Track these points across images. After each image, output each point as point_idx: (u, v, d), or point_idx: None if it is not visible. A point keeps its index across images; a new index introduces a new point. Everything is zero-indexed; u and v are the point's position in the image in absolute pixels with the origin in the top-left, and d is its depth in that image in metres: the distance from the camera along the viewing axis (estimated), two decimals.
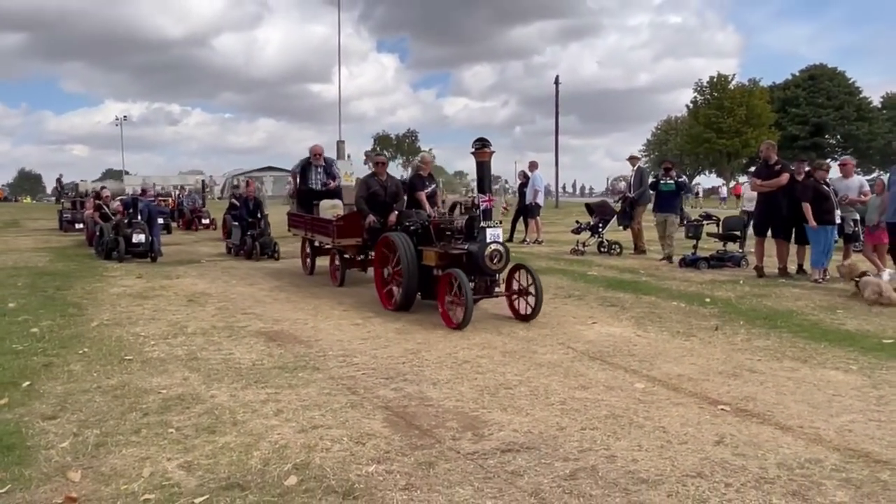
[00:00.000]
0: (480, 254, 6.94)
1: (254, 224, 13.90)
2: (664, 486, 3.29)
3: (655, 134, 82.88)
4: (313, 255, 11.06)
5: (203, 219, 22.89)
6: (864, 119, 65.79)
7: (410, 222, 8.01)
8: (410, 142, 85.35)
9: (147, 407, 4.46)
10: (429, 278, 7.57)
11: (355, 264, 9.99)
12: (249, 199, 14.41)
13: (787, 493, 3.21)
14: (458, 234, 7.42)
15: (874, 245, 9.87)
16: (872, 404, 4.51)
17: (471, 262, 7.08)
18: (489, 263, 6.96)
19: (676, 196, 12.39)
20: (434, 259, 7.40)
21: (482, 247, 6.95)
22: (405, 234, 7.83)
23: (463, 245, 7.22)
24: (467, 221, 7.30)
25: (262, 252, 13.31)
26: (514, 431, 4.02)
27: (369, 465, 3.53)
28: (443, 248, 7.36)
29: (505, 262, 7.09)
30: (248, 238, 13.61)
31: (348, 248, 9.74)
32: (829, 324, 7.03)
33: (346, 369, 5.39)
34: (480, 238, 7.02)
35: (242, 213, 14.15)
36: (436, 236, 7.69)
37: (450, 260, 7.30)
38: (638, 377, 5.17)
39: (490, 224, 7.08)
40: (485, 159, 7.25)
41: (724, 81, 63.06)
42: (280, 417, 4.27)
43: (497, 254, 6.99)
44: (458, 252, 7.23)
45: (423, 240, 7.77)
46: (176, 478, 3.40)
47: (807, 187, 9.66)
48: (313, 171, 11.20)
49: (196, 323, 7.16)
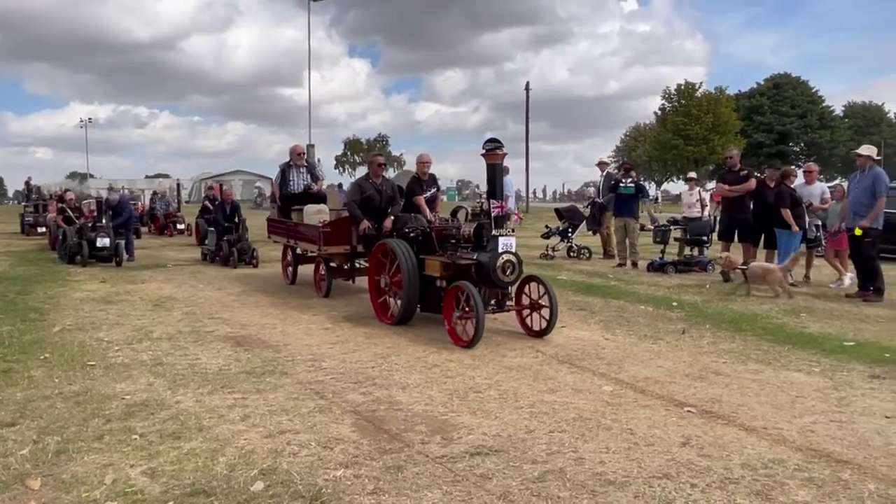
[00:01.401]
0: (492, 265, 6.34)
1: (230, 229, 13.37)
2: (631, 487, 3.31)
3: (624, 140, 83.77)
4: (295, 263, 10.43)
5: (178, 224, 22.13)
6: (827, 127, 67.23)
7: (410, 228, 7.34)
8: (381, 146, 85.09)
9: (110, 413, 4.37)
10: (429, 290, 7.02)
11: (342, 273, 9.41)
12: (226, 203, 13.98)
13: (751, 493, 3.25)
14: (465, 242, 6.86)
15: (835, 250, 10.08)
16: (834, 405, 4.60)
17: (480, 273, 6.47)
18: (501, 275, 6.37)
19: (636, 199, 12.45)
20: (438, 269, 6.77)
21: (493, 257, 6.36)
22: (404, 241, 7.22)
23: (471, 254, 6.62)
24: (476, 229, 6.71)
25: (241, 258, 12.78)
26: (483, 435, 4.02)
27: (337, 470, 3.50)
28: (449, 258, 6.74)
29: (518, 274, 6.53)
30: (224, 243, 13.07)
31: (335, 257, 9.15)
32: (793, 327, 7.15)
33: (315, 374, 5.35)
34: (491, 247, 6.44)
35: (219, 218, 13.65)
36: (438, 244, 7.14)
37: (456, 271, 6.68)
38: (606, 380, 5.21)
39: (502, 232, 6.49)
40: (497, 161, 6.67)
41: (692, 89, 63.99)
42: (247, 422, 4.22)
43: (510, 265, 6.41)
44: (466, 262, 6.58)
45: (423, 248, 7.21)
46: (139, 484, 3.34)
47: (783, 193, 9.82)
48: (294, 173, 10.51)
49: (162, 328, 7.05)
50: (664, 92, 66.47)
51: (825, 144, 66.36)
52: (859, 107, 77.11)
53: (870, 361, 5.69)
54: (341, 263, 9.27)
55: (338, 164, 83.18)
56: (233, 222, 13.54)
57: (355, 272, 9.37)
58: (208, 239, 14.08)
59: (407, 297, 6.95)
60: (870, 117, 75.33)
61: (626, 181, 12.36)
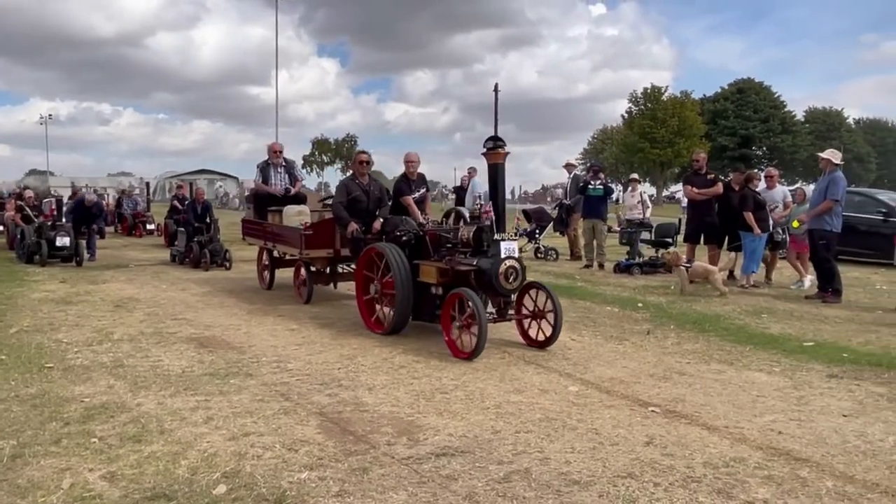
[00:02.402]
0: (494, 271, 5.94)
1: (201, 229, 12.79)
2: (595, 486, 3.34)
3: (592, 143, 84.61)
4: (272, 267, 9.86)
5: (148, 224, 21.40)
6: (789, 132, 68.71)
7: (401, 231, 6.87)
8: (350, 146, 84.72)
9: (68, 416, 4.28)
10: (422, 297, 6.59)
11: (323, 279, 8.99)
12: (198, 203, 13.44)
13: (712, 491, 3.30)
14: (463, 246, 6.40)
15: (797, 252, 10.29)
16: (793, 404, 4.69)
17: (481, 280, 6.05)
18: (504, 282, 5.97)
19: (604, 201, 12.57)
20: (434, 275, 6.34)
21: (496, 262, 5.96)
22: (395, 245, 6.77)
23: (470, 260, 6.20)
24: (475, 232, 6.27)
25: (213, 260, 12.22)
26: (450, 436, 4.01)
27: (302, 472, 3.47)
28: (448, 263, 6.27)
29: (521, 280, 6.14)
30: (195, 244, 12.50)
31: (317, 261, 8.72)
32: (755, 328, 7.28)
33: (280, 375, 5.30)
34: (493, 252, 6.06)
35: (189, 218, 13.11)
36: (432, 248, 6.69)
37: (454, 277, 6.25)
38: (572, 380, 5.24)
39: (504, 236, 6.16)
40: (499, 161, 6.27)
41: (658, 93, 65.06)
42: (210, 425, 4.16)
43: (513, 271, 6.00)
44: (466, 268, 6.12)
45: (416, 252, 6.74)
46: (98, 489, 3.27)
47: (747, 197, 10.00)
48: (273, 172, 9.90)
49: (123, 329, 6.92)
50: (631, 95, 67.55)
51: (787, 149, 67.81)
52: (820, 112, 78.98)
53: (828, 361, 5.81)
54: (323, 268, 8.90)
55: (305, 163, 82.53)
56: (204, 222, 12.96)
57: (338, 277, 9.02)
58: (177, 240, 13.56)
59: (399, 305, 6.50)
60: (830, 122, 77.19)
61: (595, 183, 12.47)
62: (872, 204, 13.54)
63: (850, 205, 11.59)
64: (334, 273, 8.98)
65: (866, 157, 77.39)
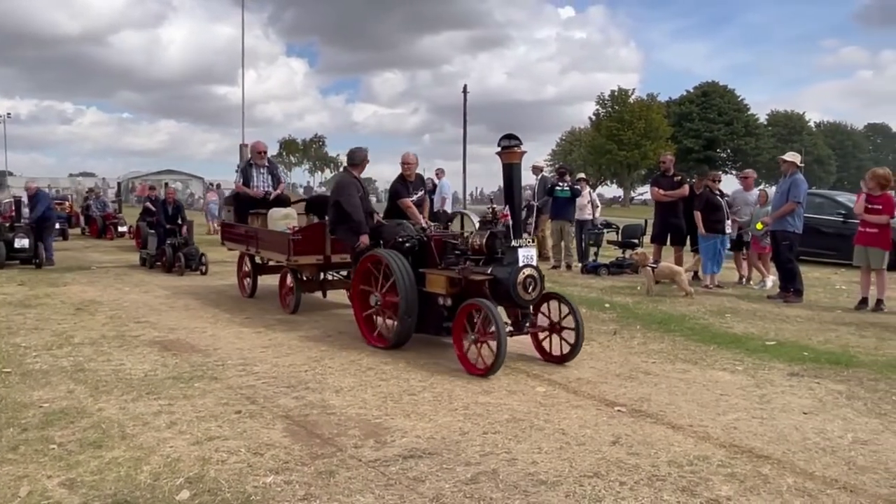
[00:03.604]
0: (511, 280, 5.47)
1: (173, 231, 12.24)
2: (562, 486, 3.36)
3: (560, 144, 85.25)
4: (254, 273, 9.25)
5: (119, 226, 20.51)
6: (752, 134, 70.05)
7: (403, 237, 6.31)
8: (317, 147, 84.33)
9: (27, 422, 4.17)
10: (427, 308, 6.06)
11: (312, 286, 8.34)
12: (168, 203, 12.91)
13: (677, 490, 3.34)
14: (474, 253, 5.91)
15: (759, 253, 10.48)
16: (756, 403, 4.77)
17: (497, 290, 5.58)
18: (523, 292, 5.51)
19: (571, 203, 12.65)
20: (444, 285, 5.83)
21: (513, 271, 5.51)
22: (397, 252, 6.21)
23: (484, 268, 5.72)
24: (488, 238, 5.81)
25: (188, 264, 11.54)
26: (417, 437, 4.00)
27: (267, 476, 3.43)
28: (461, 273, 5.72)
29: (540, 290, 5.70)
30: (168, 248, 11.91)
31: (305, 268, 8.07)
32: (718, 327, 7.39)
33: (246, 378, 5.23)
34: (509, 260, 5.62)
35: (160, 219, 12.53)
36: (438, 256, 6.19)
37: (466, 287, 5.77)
38: (539, 381, 5.27)
39: (522, 242, 5.67)
40: (514, 161, 5.77)
41: (625, 95, 65.84)
42: (173, 430, 4.09)
43: (532, 280, 5.56)
44: (480, 277, 5.64)
45: (419, 260, 6.22)
46: (57, 496, 3.20)
47: (699, 197, 10.19)
48: (255, 173, 9.29)
49: (84, 332, 6.77)
50: (598, 98, 68.24)
51: (750, 151, 69.08)
52: (782, 115, 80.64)
53: (789, 360, 5.92)
54: (312, 275, 8.25)
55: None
56: (176, 224, 12.45)
57: (328, 285, 8.46)
58: (148, 242, 12.96)
59: (404, 318, 5.97)
60: (791, 126, 78.85)
61: (563, 185, 12.54)
62: (832, 206, 13.83)
63: (811, 206, 11.82)
64: (325, 281, 8.42)
65: (826, 159, 79.25)
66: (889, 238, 8.46)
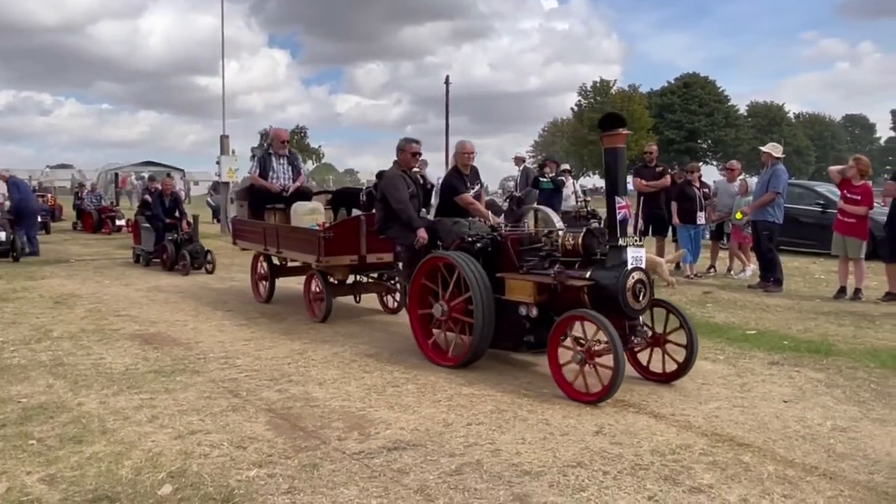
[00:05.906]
0: (619, 286, 4.62)
1: (172, 226, 11.39)
2: (546, 476, 3.37)
3: (543, 135, 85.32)
4: (272, 276, 8.30)
5: (117, 219, 19.66)
6: (732, 126, 70.44)
7: (474, 236, 5.49)
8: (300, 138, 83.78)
9: (4, 418, 4.12)
10: (503, 318, 5.20)
11: (342, 290, 7.49)
12: (165, 196, 11.95)
13: (659, 478, 3.36)
14: (566, 254, 5.07)
15: (739, 242, 10.57)
16: (737, 391, 4.82)
17: (599, 297, 4.74)
18: (632, 300, 4.67)
19: (557, 194, 12.65)
20: (530, 292, 4.98)
21: (621, 275, 4.65)
22: (467, 254, 5.35)
23: (581, 272, 4.87)
24: (584, 237, 4.97)
25: (193, 262, 10.72)
26: (401, 429, 4.00)
27: (250, 470, 3.41)
28: (556, 277, 4.81)
29: (650, 297, 4.86)
30: (168, 244, 11.09)
31: (336, 270, 7.17)
32: (700, 317, 7.44)
33: (228, 371, 5.20)
34: (613, 262, 4.79)
35: (157, 213, 11.59)
36: (517, 257, 5.30)
37: (559, 295, 4.97)
38: (523, 372, 5.28)
39: (629, 241, 4.88)
40: (619, 145, 4.86)
41: (607, 87, 65.95)
42: (155, 424, 4.06)
43: (641, 286, 4.71)
44: (578, 283, 4.81)
45: (492, 263, 5.34)
46: (36, 492, 3.16)
47: (674, 187, 10.32)
48: (275, 164, 8.30)
49: (63, 326, 6.70)
50: (581, 89, 68.21)
51: (730, 142, 69.47)
52: (762, 107, 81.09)
53: (769, 349, 5.99)
54: (343, 278, 7.43)
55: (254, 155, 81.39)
56: (174, 218, 11.63)
57: (361, 287, 7.65)
58: (143, 238, 12.04)
59: (480, 330, 5.11)
60: (771, 117, 79.34)
61: (545, 178, 12.55)
62: (811, 196, 13.97)
63: (791, 197, 11.90)
64: (357, 283, 7.64)
65: (805, 150, 79.90)
66: (867, 228, 8.57)
